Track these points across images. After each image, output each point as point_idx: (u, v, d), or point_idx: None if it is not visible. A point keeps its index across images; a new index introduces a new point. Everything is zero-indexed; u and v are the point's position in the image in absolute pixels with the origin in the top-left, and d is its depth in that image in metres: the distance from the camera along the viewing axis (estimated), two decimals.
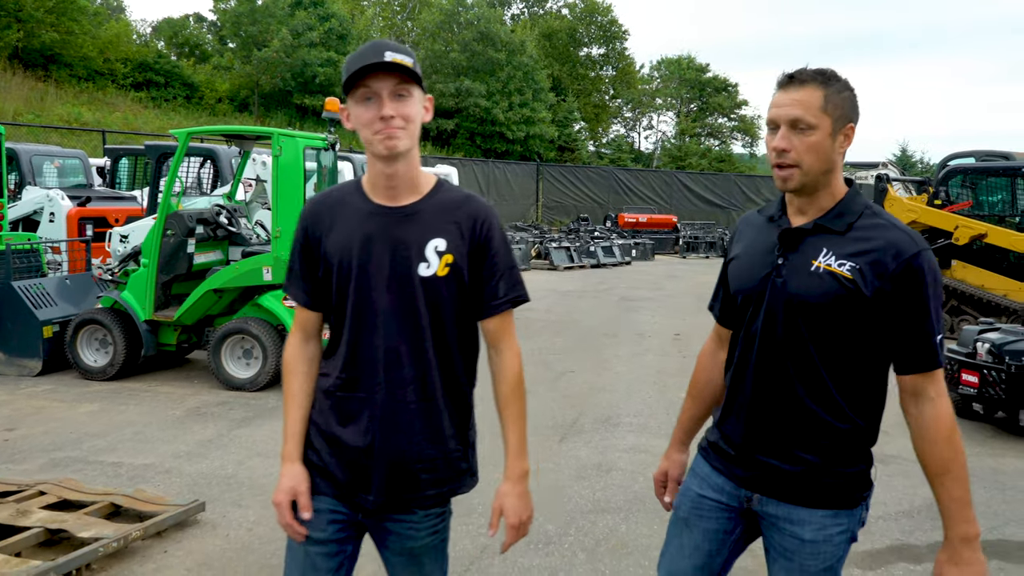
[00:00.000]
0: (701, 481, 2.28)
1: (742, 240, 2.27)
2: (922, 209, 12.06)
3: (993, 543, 4.58)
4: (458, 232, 2.08)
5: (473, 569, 4.07)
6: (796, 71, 2.05)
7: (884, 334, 2.01)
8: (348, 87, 1.99)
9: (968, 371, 6.62)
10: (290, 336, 2.22)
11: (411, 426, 2.08)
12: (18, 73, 26.91)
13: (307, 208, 2.17)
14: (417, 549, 2.16)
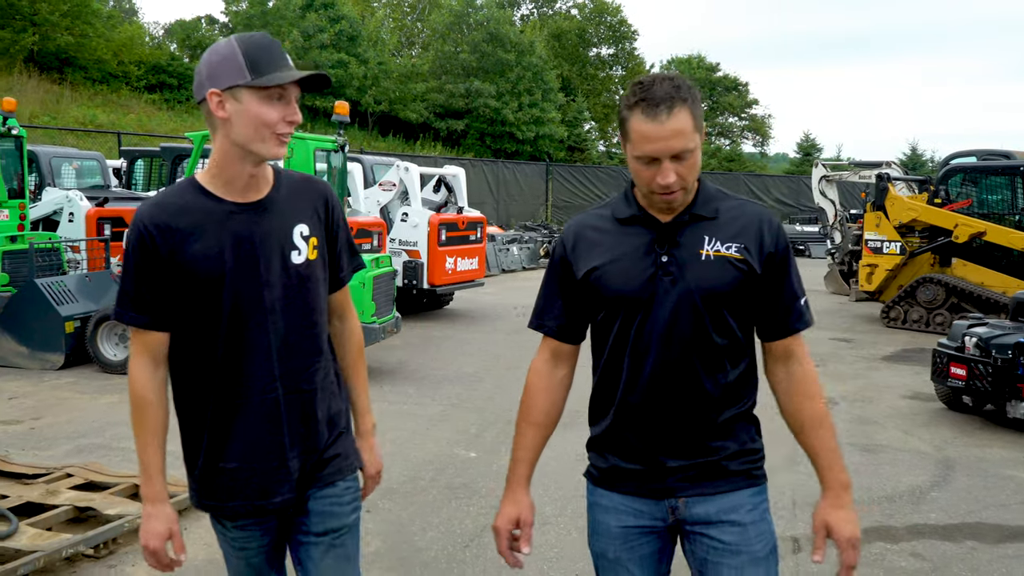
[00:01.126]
0: (618, 514, 2.10)
1: (595, 246, 2.08)
2: (922, 207, 12.23)
3: (971, 525, 4.80)
4: (314, 213, 2.09)
5: (472, 545, 4.32)
6: (656, 96, 1.88)
7: (759, 306, 2.04)
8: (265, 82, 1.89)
9: (956, 364, 6.83)
10: (136, 364, 2.02)
11: (314, 413, 2.08)
12: (34, 76, 27.30)
13: (146, 219, 1.96)
14: (343, 527, 2.13)
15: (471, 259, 12.13)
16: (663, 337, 2.00)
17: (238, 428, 2.02)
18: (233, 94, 1.90)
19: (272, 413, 2.03)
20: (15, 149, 9.20)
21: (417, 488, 5.13)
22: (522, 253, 20.04)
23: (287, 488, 2.05)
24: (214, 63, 1.92)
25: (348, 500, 2.14)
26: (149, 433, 2.01)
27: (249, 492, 2.04)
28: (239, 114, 1.90)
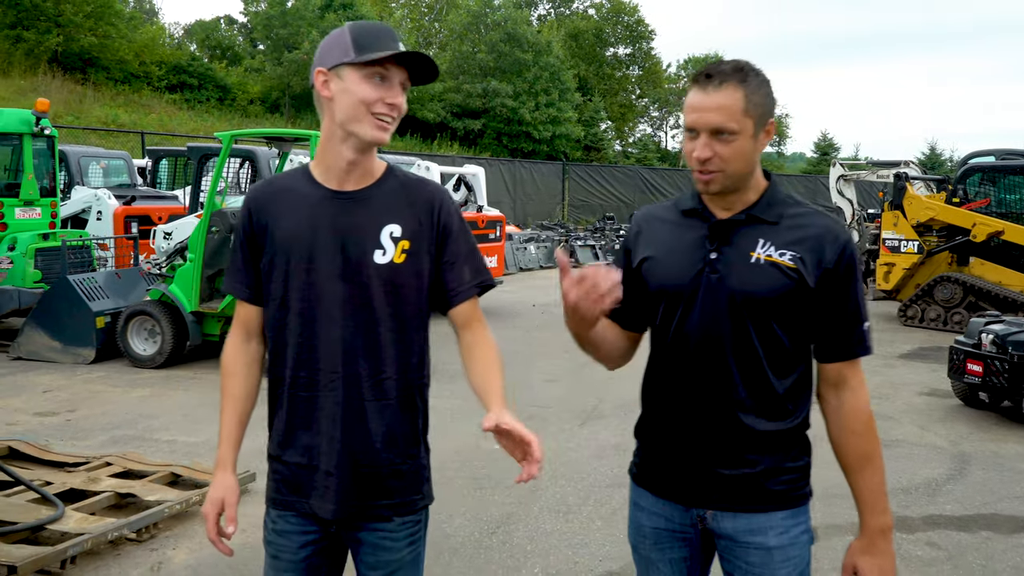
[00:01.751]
0: (650, 515, 2.09)
1: (654, 235, 2.08)
2: (940, 207, 12.27)
3: (986, 516, 4.90)
4: (414, 217, 1.97)
5: (499, 532, 4.46)
6: (712, 68, 1.89)
7: (816, 323, 1.95)
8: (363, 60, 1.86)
9: (973, 361, 6.91)
10: (230, 335, 2.08)
11: (371, 426, 1.95)
12: (58, 76, 27.69)
13: (251, 196, 2.03)
14: (396, 562, 2.00)
15: (490, 257, 12.28)
16: (700, 336, 1.95)
17: (303, 423, 1.96)
18: (337, 72, 1.88)
19: (332, 415, 1.94)
20: (47, 149, 9.42)
21: (444, 479, 5.27)
22: (539, 252, 20.16)
23: (327, 498, 1.94)
24: (324, 45, 1.92)
25: (403, 536, 1.99)
26: (228, 400, 2.04)
27: (295, 488, 1.98)
28: (341, 92, 1.88)
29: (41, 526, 4.01)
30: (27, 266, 8.76)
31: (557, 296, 2.35)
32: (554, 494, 5.05)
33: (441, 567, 4.03)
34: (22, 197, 9.07)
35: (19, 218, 9.04)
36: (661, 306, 2.01)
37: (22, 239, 8.84)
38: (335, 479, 1.93)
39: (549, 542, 4.36)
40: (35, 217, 9.21)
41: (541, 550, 4.26)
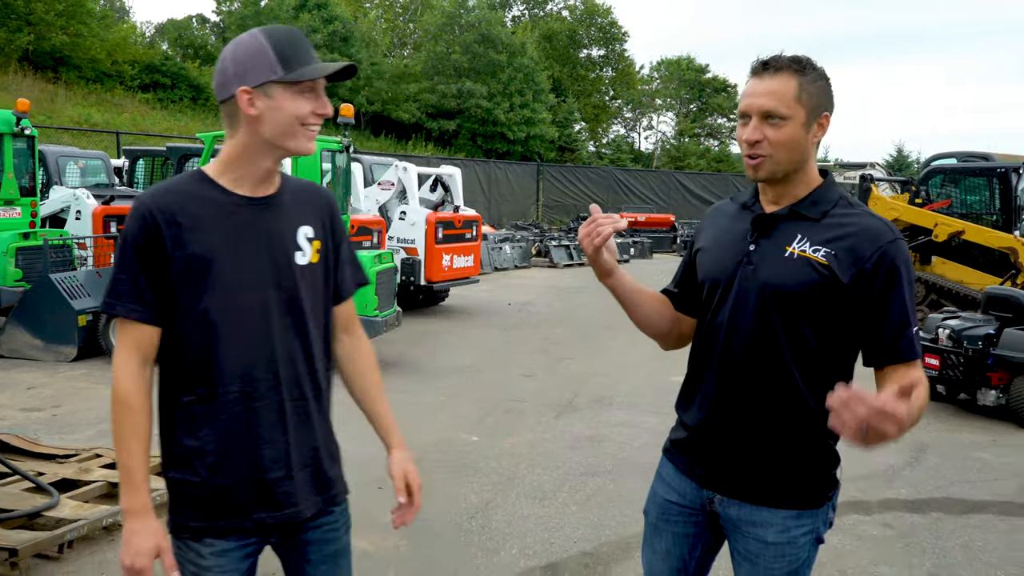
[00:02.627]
0: (666, 486, 2.20)
1: (712, 228, 2.17)
2: (903, 207, 12.63)
3: (939, 500, 5.18)
4: (318, 219, 2.01)
5: (478, 517, 4.67)
6: (771, 58, 1.95)
7: (857, 325, 1.91)
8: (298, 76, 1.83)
9: (930, 355, 7.22)
10: (123, 362, 1.84)
11: (314, 421, 1.98)
12: (29, 75, 27.50)
13: (151, 203, 1.83)
14: (340, 551, 2.06)
15: (467, 256, 12.48)
16: (730, 326, 2.00)
17: (239, 438, 1.87)
18: (264, 90, 1.82)
19: (276, 421, 1.90)
20: (27, 148, 9.49)
21: (424, 468, 5.42)
22: (514, 252, 20.38)
23: (293, 501, 1.93)
24: (242, 59, 1.83)
25: (342, 524, 2.06)
26: (135, 439, 1.82)
27: (249, 507, 1.89)
28: (271, 110, 1.82)
29: (38, 513, 4.16)
30: (8, 265, 8.83)
31: (532, 296, 2.51)
32: (531, 482, 5.27)
33: (423, 550, 4.23)
34: (2, 196, 9.13)
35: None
36: (705, 292, 2.09)
37: (2, 238, 8.90)
38: (295, 482, 1.92)
39: (526, 526, 4.57)
40: (15, 216, 9.27)
41: (518, 533, 4.47)
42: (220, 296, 1.84)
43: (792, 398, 1.95)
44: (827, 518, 2.06)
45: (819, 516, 2.02)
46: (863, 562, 4.24)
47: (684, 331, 2.25)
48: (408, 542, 4.32)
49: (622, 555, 4.21)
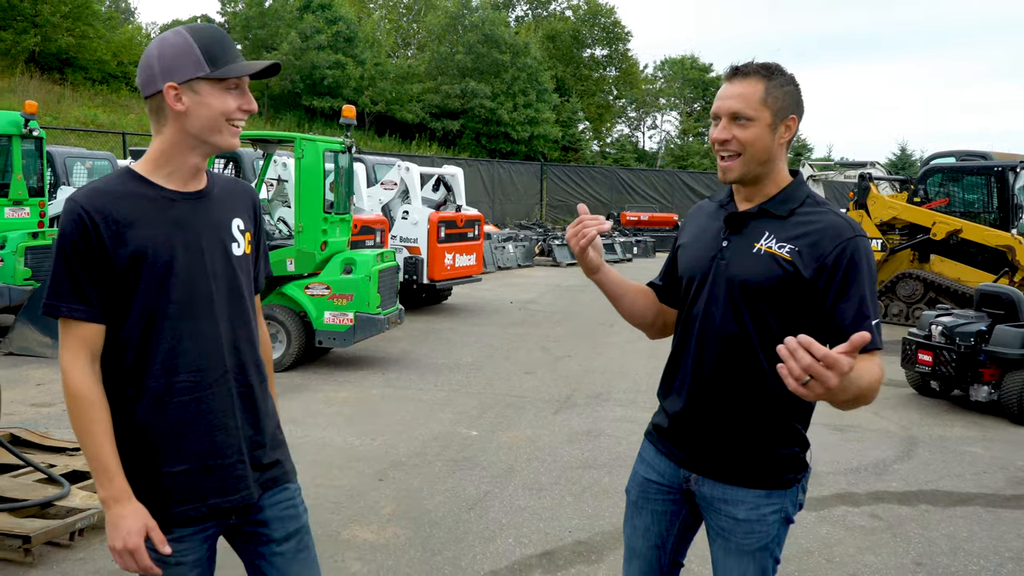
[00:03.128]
0: (647, 466, 2.35)
1: (693, 226, 2.31)
2: (902, 206, 12.74)
3: (928, 492, 5.30)
4: (246, 211, 2.08)
5: (476, 508, 4.79)
6: (742, 64, 2.08)
7: (820, 317, 2.00)
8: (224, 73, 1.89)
9: (923, 351, 7.34)
10: (73, 361, 1.86)
11: (260, 407, 2.05)
12: (35, 76, 27.72)
13: (86, 205, 1.83)
14: (303, 527, 2.12)
15: (469, 255, 12.61)
16: (704, 317, 2.14)
17: (190, 427, 1.92)
18: (191, 87, 1.87)
19: (227, 408, 1.97)
20: (35, 150, 9.65)
21: (424, 461, 5.60)
22: (517, 251, 20.51)
23: (244, 485, 1.99)
24: (168, 56, 1.87)
25: (299, 501, 2.14)
26: (100, 431, 1.85)
27: (203, 493, 1.93)
28: (197, 105, 1.88)
29: (50, 502, 4.30)
30: (17, 264, 8.97)
31: (534, 294, 2.61)
32: (528, 475, 5.39)
33: (422, 538, 4.36)
34: (11, 197, 9.29)
35: (8, 217, 9.26)
36: (683, 287, 2.25)
37: (12, 238, 9.05)
38: (246, 466, 1.99)
39: (522, 516, 4.70)
40: (24, 216, 9.43)
41: (515, 523, 4.60)
42: (163, 290, 1.89)
43: (760, 385, 2.07)
44: (796, 500, 2.17)
45: (787, 497, 2.14)
46: (850, 551, 4.36)
47: (668, 321, 2.39)
48: (407, 531, 4.45)
49: (616, 543, 4.33)
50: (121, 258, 1.85)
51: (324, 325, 8.03)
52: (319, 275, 8.11)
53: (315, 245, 8.08)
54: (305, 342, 8.11)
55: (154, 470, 1.91)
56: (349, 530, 4.43)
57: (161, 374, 1.89)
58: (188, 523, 1.94)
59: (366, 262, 8.13)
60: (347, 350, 9.07)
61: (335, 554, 4.13)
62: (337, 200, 8.49)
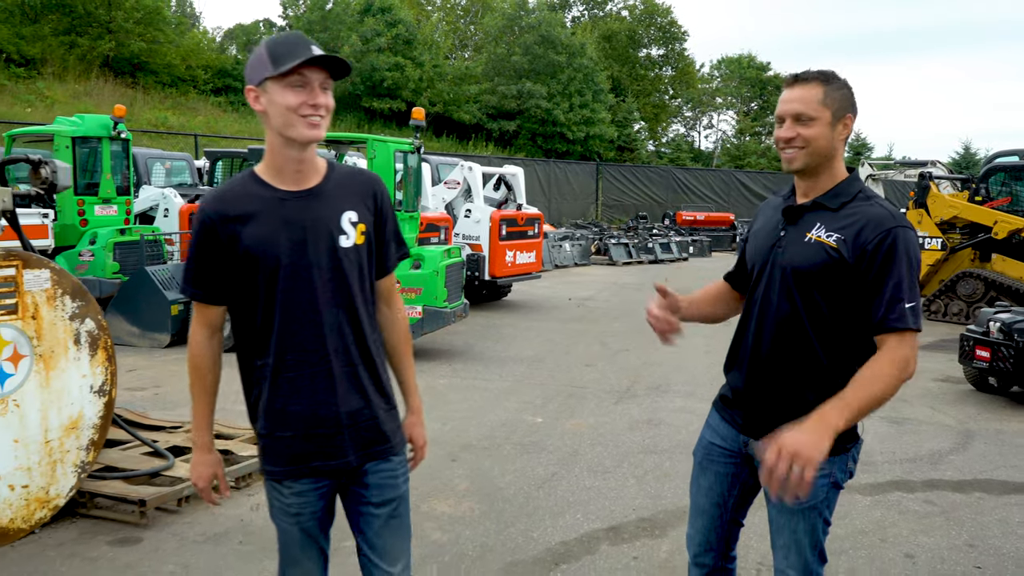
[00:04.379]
0: (712, 431, 2.62)
1: (759, 219, 2.57)
2: (963, 205, 12.70)
3: (982, 481, 5.44)
4: (362, 202, 2.25)
5: (545, 487, 5.10)
6: (801, 72, 2.33)
7: (860, 299, 2.23)
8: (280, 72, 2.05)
9: (981, 347, 7.43)
10: (194, 333, 2.28)
11: (364, 385, 2.26)
12: (109, 80, 28.81)
13: (209, 206, 2.18)
14: (398, 497, 2.34)
15: (529, 253, 12.92)
16: (763, 300, 2.41)
17: (296, 399, 2.19)
18: (263, 88, 2.09)
19: (327, 385, 2.20)
20: (122, 151, 10.23)
21: (493, 444, 5.93)
22: (574, 250, 20.77)
23: (342, 453, 2.23)
24: (250, 65, 2.13)
25: (401, 472, 2.35)
26: (203, 392, 2.30)
27: (306, 457, 2.21)
28: (270, 104, 2.09)
29: (157, 472, 4.72)
30: (107, 258, 9.54)
31: (591, 291, 2.88)
32: (592, 458, 5.68)
33: (495, 512, 4.68)
34: (101, 195, 9.88)
35: (98, 215, 9.85)
36: (751, 274, 2.51)
37: (102, 234, 9.63)
38: (344, 437, 2.23)
39: (588, 495, 4.99)
40: (112, 214, 10.01)
41: (581, 501, 4.89)
42: (273, 280, 2.16)
43: (812, 360, 2.32)
44: (846, 467, 2.38)
45: (836, 463, 2.34)
46: (904, 532, 4.56)
47: (737, 306, 2.72)
48: (482, 506, 4.77)
49: (678, 521, 4.59)
50: (237, 253, 2.15)
51: None
52: None
53: None
54: None
55: (270, 432, 2.23)
56: (428, 504, 4.77)
57: (275, 352, 2.18)
58: (297, 477, 2.23)
59: (434, 257, 8.49)
60: (415, 342, 9.41)
61: (416, 524, 4.45)
62: (405, 198, 8.87)
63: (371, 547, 2.34)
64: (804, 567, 2.42)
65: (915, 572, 4.08)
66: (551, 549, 4.22)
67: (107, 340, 4.52)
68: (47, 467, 4.17)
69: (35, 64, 26.75)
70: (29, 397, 4.07)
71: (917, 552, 4.30)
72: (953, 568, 4.13)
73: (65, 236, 9.72)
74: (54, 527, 4.28)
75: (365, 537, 2.34)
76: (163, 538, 4.21)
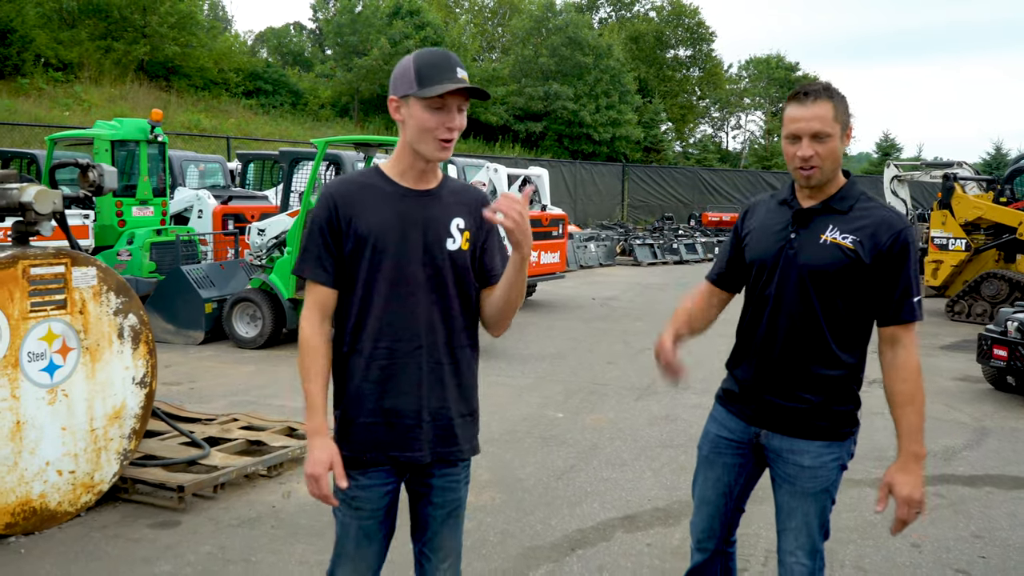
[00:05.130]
0: (719, 425, 2.74)
1: (755, 218, 2.65)
2: (987, 206, 12.71)
3: (993, 476, 5.55)
4: (469, 212, 2.33)
5: (564, 478, 5.28)
6: (807, 88, 2.42)
7: (874, 294, 2.42)
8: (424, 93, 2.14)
9: (999, 346, 7.50)
10: (307, 316, 2.27)
11: (447, 385, 2.31)
12: (144, 84, 29.40)
13: (333, 191, 2.27)
14: (458, 500, 2.42)
15: (553, 253, 13.11)
16: (776, 297, 2.51)
17: (383, 387, 2.26)
18: (405, 102, 2.20)
19: (415, 378, 2.26)
20: (158, 154, 10.57)
21: (515, 438, 6.12)
22: (599, 250, 20.91)
23: (418, 446, 2.29)
24: (396, 75, 2.23)
25: (464, 478, 2.43)
26: (316, 375, 2.25)
27: (385, 445, 2.28)
28: (408, 118, 2.20)
29: (194, 461, 4.97)
30: (143, 258, 9.87)
31: (615, 292, 3.03)
32: (611, 451, 5.86)
33: (516, 501, 4.87)
34: (138, 197, 10.21)
35: (135, 216, 10.19)
36: (753, 272, 2.61)
37: (139, 234, 9.96)
38: (423, 431, 2.28)
39: (606, 486, 5.17)
40: (148, 215, 10.34)
41: (599, 491, 5.07)
42: (379, 268, 2.24)
43: (824, 353, 2.49)
44: (850, 450, 2.60)
45: (844, 447, 2.57)
46: (912, 524, 4.67)
47: (721, 308, 2.90)
48: (503, 495, 4.97)
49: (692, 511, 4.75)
50: (351, 236, 2.23)
51: None
52: None
53: None
54: None
55: (352, 417, 2.30)
56: None
57: (370, 339, 2.26)
58: (373, 465, 2.29)
59: None
60: None
61: None
62: None
63: (426, 543, 2.44)
64: (812, 546, 2.59)
65: (921, 561, 4.21)
66: (568, 536, 4.41)
67: (148, 335, 4.77)
68: (92, 454, 4.42)
69: (72, 69, 27.39)
70: (76, 387, 4.33)
71: (924, 542, 4.44)
72: (958, 557, 4.26)
73: (104, 236, 10.06)
74: (98, 511, 4.54)
75: (423, 533, 2.44)
76: (200, 522, 4.45)
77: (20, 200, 4.23)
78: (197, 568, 3.92)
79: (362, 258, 2.24)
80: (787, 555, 2.62)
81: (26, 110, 22.45)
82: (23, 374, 4.09)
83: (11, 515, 4.08)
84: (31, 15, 26.27)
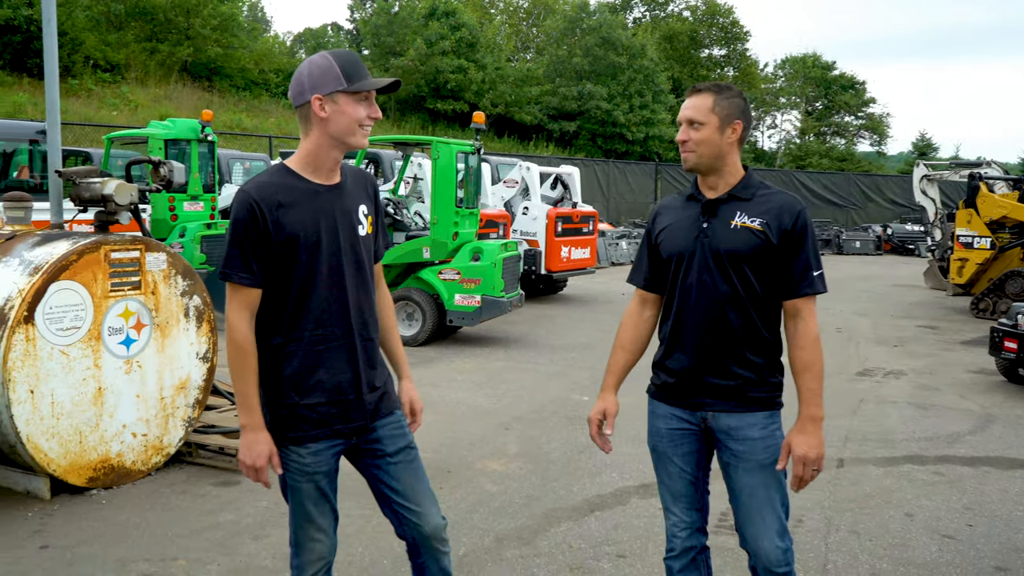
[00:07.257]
0: (666, 419, 2.77)
1: (666, 217, 2.78)
2: (1012, 205, 12.89)
3: (993, 458, 5.88)
4: (368, 197, 2.58)
5: (587, 452, 5.71)
6: (701, 84, 2.67)
7: (779, 270, 2.58)
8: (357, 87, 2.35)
9: (1010, 339, 7.80)
10: (239, 317, 2.36)
11: (376, 357, 2.59)
12: (187, 84, 30.24)
13: (254, 194, 2.35)
14: (408, 442, 2.62)
15: (583, 249, 13.53)
16: (698, 283, 2.64)
17: (325, 369, 2.44)
18: (332, 98, 2.36)
19: (351, 358, 2.48)
20: (208, 152, 11.15)
21: (541, 417, 6.57)
22: (631, 248, 21.26)
23: (362, 415, 2.52)
24: (315, 74, 2.36)
25: (404, 424, 2.65)
26: (250, 374, 2.37)
27: (331, 420, 2.46)
28: (336, 113, 2.36)
29: None
30: (194, 251, 10.43)
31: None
32: (632, 430, 6.24)
33: (541, 470, 5.32)
34: (189, 193, 10.78)
35: (187, 210, 10.76)
36: (672, 265, 2.73)
37: (190, 228, 10.52)
38: (364, 402, 2.51)
39: (625, 459, 5.58)
40: (199, 210, 10.91)
41: (618, 464, 5.49)
42: (314, 262, 2.41)
43: (751, 328, 2.64)
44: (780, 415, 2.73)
45: (780, 417, 2.71)
46: (908, 496, 5.05)
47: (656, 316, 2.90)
48: (529, 465, 5.41)
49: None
50: (280, 236, 2.35)
51: (454, 306, 9.12)
52: (450, 262, 9.20)
53: (448, 235, 9.17)
54: (438, 321, 9.22)
55: (296, 401, 2.45)
56: (482, 463, 5.43)
57: (309, 327, 2.43)
58: (320, 440, 2.48)
59: (492, 250, 9.17)
60: (474, 329, 10.14)
61: (472, 478, 5.14)
62: (466, 196, 9.56)
63: (396, 492, 2.58)
64: (780, 525, 2.64)
65: (911, 527, 4.59)
66: (588, 500, 4.85)
67: (210, 314, 5.29)
68: (161, 420, 4.94)
69: (119, 70, 28.26)
70: (148, 360, 4.86)
71: (917, 512, 4.81)
72: (947, 525, 4.63)
73: (157, 229, 10.63)
74: (166, 471, 5.06)
75: (387, 486, 2.58)
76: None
77: (103, 193, 4.75)
78: (256, 519, 4.42)
79: (294, 254, 2.38)
80: (757, 540, 2.63)
81: (76, 110, 23.30)
82: (104, 346, 4.62)
83: (93, 470, 4.61)
84: (81, 18, 27.18)
